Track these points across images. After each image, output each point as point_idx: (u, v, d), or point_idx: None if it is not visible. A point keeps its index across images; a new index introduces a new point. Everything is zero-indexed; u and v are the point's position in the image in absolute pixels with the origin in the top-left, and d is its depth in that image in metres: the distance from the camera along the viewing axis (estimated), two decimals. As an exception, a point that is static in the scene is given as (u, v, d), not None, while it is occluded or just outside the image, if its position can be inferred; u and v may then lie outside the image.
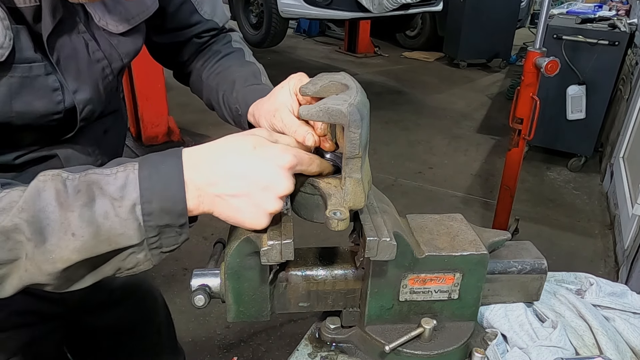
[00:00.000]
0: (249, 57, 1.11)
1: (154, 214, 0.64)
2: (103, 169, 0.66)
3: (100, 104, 0.88)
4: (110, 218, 0.63)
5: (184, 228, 0.68)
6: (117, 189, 0.64)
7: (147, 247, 0.66)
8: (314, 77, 0.82)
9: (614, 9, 4.74)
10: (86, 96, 0.84)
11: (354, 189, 0.73)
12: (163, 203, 0.64)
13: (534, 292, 0.98)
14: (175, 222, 0.66)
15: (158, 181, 0.65)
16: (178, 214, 0.65)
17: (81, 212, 0.62)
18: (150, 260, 0.68)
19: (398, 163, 4.52)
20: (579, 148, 4.40)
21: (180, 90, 1.23)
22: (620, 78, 4.40)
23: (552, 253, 3.14)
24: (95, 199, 0.63)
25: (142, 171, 0.65)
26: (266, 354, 2.47)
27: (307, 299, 0.89)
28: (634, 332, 0.97)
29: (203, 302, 0.82)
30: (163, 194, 0.64)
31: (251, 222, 0.70)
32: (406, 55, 8.26)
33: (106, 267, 0.67)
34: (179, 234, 0.68)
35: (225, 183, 0.67)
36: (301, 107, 0.70)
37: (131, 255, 0.66)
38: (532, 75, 2.68)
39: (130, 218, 0.63)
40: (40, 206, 0.61)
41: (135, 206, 0.63)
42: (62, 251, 0.62)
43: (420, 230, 0.90)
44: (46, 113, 0.80)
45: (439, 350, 0.87)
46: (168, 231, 0.66)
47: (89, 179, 0.65)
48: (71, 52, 0.82)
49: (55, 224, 0.61)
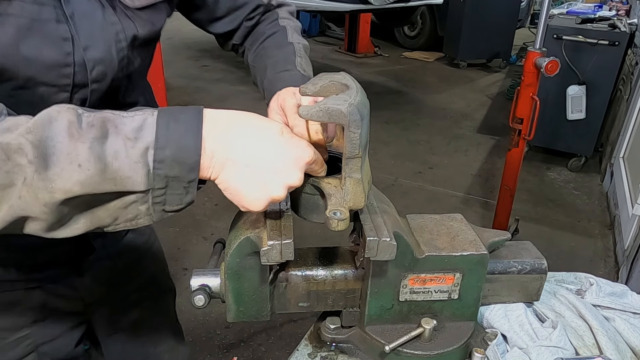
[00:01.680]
0: (291, 35, 1.08)
1: (166, 162, 0.62)
2: (121, 111, 0.64)
3: (112, 70, 0.85)
4: (120, 158, 0.60)
5: (192, 186, 0.65)
6: (133, 129, 0.62)
7: (151, 200, 0.63)
8: (314, 77, 0.82)
9: (614, 9, 4.74)
10: (97, 55, 0.82)
11: (354, 189, 0.73)
12: (177, 152, 0.62)
13: (534, 292, 0.99)
14: (185, 175, 0.63)
15: (175, 130, 0.63)
16: (190, 167, 0.63)
17: (92, 145, 0.59)
18: (152, 215, 0.65)
19: (398, 163, 4.52)
20: (579, 148, 4.40)
21: (181, 90, 1.24)
22: (620, 78, 4.39)
23: (552, 253, 3.14)
24: (109, 136, 0.61)
25: (161, 117, 0.63)
26: (266, 354, 2.47)
27: (307, 299, 0.89)
28: (634, 332, 0.97)
29: (203, 302, 0.82)
30: (178, 142, 0.62)
31: (250, 199, 0.67)
32: (406, 55, 8.25)
33: (104, 213, 0.64)
34: (185, 192, 0.65)
35: (242, 151, 0.66)
36: (301, 107, 0.70)
37: (133, 205, 0.63)
38: (532, 75, 2.68)
39: (141, 162, 0.61)
40: (50, 134, 0.59)
41: (148, 150, 0.61)
42: (64, 181, 0.58)
43: (420, 230, 0.90)
44: (55, 64, 0.78)
45: (439, 350, 0.87)
46: (175, 185, 0.64)
47: (104, 116, 0.62)
48: (86, 11, 0.80)
49: (61, 154, 0.58)
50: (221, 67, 7.14)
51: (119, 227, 0.66)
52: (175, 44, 7.86)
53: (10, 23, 0.71)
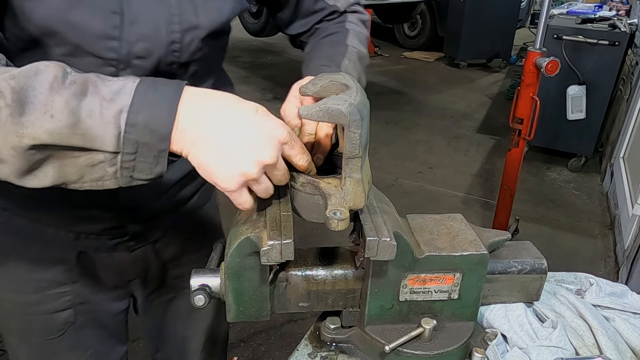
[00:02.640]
0: (351, 39, 1.07)
1: (137, 127, 0.63)
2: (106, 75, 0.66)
3: (159, 49, 0.84)
4: (94, 117, 0.62)
5: (162, 156, 0.66)
6: (111, 92, 0.63)
7: (119, 163, 0.64)
8: (314, 77, 0.82)
9: (614, 9, 4.74)
10: (142, 30, 0.82)
11: (354, 189, 0.73)
12: (149, 119, 0.63)
13: (534, 292, 0.98)
14: (155, 143, 0.64)
15: (152, 98, 0.64)
16: (161, 136, 0.64)
17: (68, 99, 0.62)
18: (119, 179, 0.66)
19: (398, 163, 4.52)
20: (579, 148, 4.40)
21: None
22: (621, 78, 4.39)
23: (552, 253, 3.14)
24: (87, 94, 0.63)
25: (141, 85, 0.65)
26: (266, 353, 2.47)
27: (307, 299, 0.89)
28: (634, 332, 0.97)
29: (203, 302, 0.82)
30: (153, 110, 0.64)
31: (222, 176, 0.67)
32: (406, 55, 8.25)
33: (71, 168, 0.65)
34: (154, 162, 0.66)
35: (214, 127, 0.66)
36: (301, 107, 0.70)
37: (100, 165, 0.64)
38: (532, 75, 2.68)
39: (113, 123, 0.62)
40: (32, 84, 0.61)
41: (121, 112, 0.62)
42: (34, 129, 0.61)
43: (420, 230, 0.90)
44: (101, 35, 0.79)
45: (439, 350, 0.87)
46: (145, 152, 0.65)
47: (88, 76, 0.64)
48: None
49: (38, 104, 0.61)
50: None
51: (85, 186, 0.67)
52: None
53: None
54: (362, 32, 1.12)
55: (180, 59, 0.88)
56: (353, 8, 1.15)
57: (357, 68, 1.03)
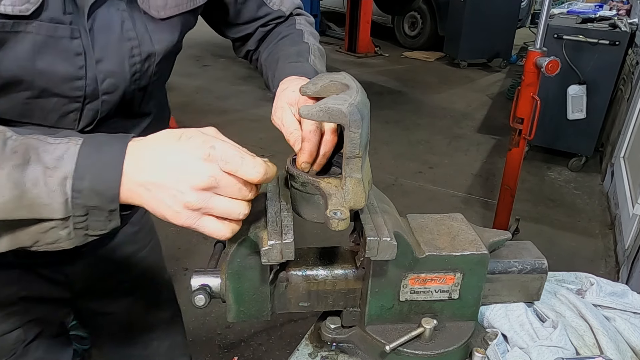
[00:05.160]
0: (307, 37, 1.09)
1: (84, 193, 0.63)
2: (49, 136, 0.66)
3: (124, 82, 0.87)
4: (39, 186, 0.62)
5: (114, 214, 0.66)
6: (54, 158, 0.63)
7: (72, 225, 0.64)
8: (315, 77, 0.82)
9: (614, 8, 4.74)
10: (108, 68, 0.84)
11: (355, 188, 0.73)
12: (95, 184, 0.63)
13: (535, 292, 0.98)
14: (104, 205, 0.64)
15: (97, 161, 0.64)
16: (109, 199, 0.64)
17: (10, 172, 0.61)
18: (73, 240, 0.66)
19: (398, 163, 4.52)
20: (579, 148, 4.40)
21: (181, 90, 1.24)
22: (621, 78, 4.39)
23: (552, 253, 3.14)
24: (30, 164, 0.62)
25: (84, 147, 0.64)
26: (266, 353, 2.47)
27: (307, 299, 0.89)
28: (635, 332, 0.97)
29: (203, 302, 0.82)
30: (98, 174, 0.63)
31: (171, 215, 0.66)
32: (407, 55, 8.25)
33: (24, 236, 0.65)
34: (107, 220, 0.66)
35: (149, 172, 0.65)
36: (301, 107, 0.70)
37: (52, 230, 0.65)
38: (533, 75, 2.68)
39: (58, 190, 0.62)
40: None
41: (66, 179, 0.62)
42: None
43: (421, 230, 0.90)
44: (68, 77, 0.80)
45: (440, 350, 0.87)
46: (97, 214, 0.65)
47: (29, 142, 0.64)
48: (105, 24, 0.82)
49: None
50: (222, 67, 7.14)
51: (41, 248, 0.67)
52: (176, 43, 7.86)
53: (27, 40, 0.74)
54: (314, 31, 1.14)
55: (140, 85, 0.91)
56: (298, 11, 1.16)
57: (323, 63, 1.05)
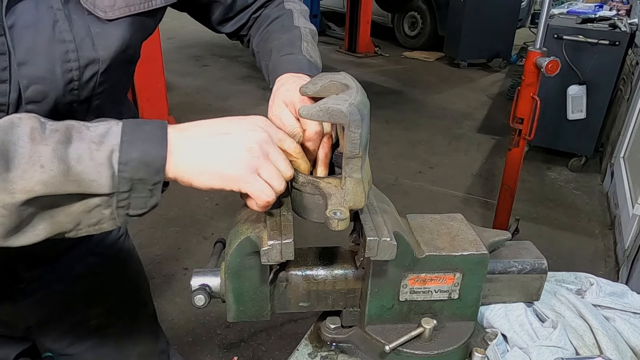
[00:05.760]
0: (297, 19, 1.06)
1: (131, 164, 0.62)
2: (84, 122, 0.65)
3: (55, 91, 0.76)
4: (84, 161, 0.60)
5: (157, 188, 0.65)
6: (98, 135, 0.62)
7: (115, 203, 0.63)
8: (315, 76, 0.82)
9: (614, 8, 4.74)
10: (34, 73, 0.73)
11: (354, 188, 0.73)
12: (142, 155, 0.63)
13: (534, 292, 0.99)
14: (150, 177, 0.64)
15: (140, 135, 0.64)
16: (155, 169, 0.64)
17: (55, 147, 0.59)
18: (115, 220, 0.65)
19: (398, 163, 4.52)
20: (579, 148, 4.40)
21: (181, 90, 1.23)
22: (621, 78, 4.39)
23: (552, 253, 3.14)
24: (72, 141, 0.61)
25: (126, 125, 0.64)
26: (266, 353, 2.47)
27: (307, 299, 0.89)
28: (634, 332, 0.97)
29: (203, 301, 0.82)
30: (144, 145, 0.63)
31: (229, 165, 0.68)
32: (406, 55, 8.25)
33: (66, 217, 0.62)
34: (149, 196, 0.65)
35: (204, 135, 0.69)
36: (301, 107, 0.70)
37: (97, 209, 0.63)
38: (533, 75, 2.68)
39: (106, 164, 0.61)
40: (11, 138, 0.59)
41: (113, 152, 0.61)
42: (25, 182, 0.58)
43: (421, 230, 0.90)
44: None
45: (439, 350, 0.87)
46: (140, 188, 0.64)
47: (68, 123, 0.63)
48: (31, 22, 0.72)
49: (23, 158, 0.58)
50: (222, 66, 7.14)
51: (81, 232, 0.65)
52: (176, 43, 7.87)
53: None
54: (303, 8, 1.12)
55: (80, 97, 0.80)
56: None
57: (315, 47, 1.04)
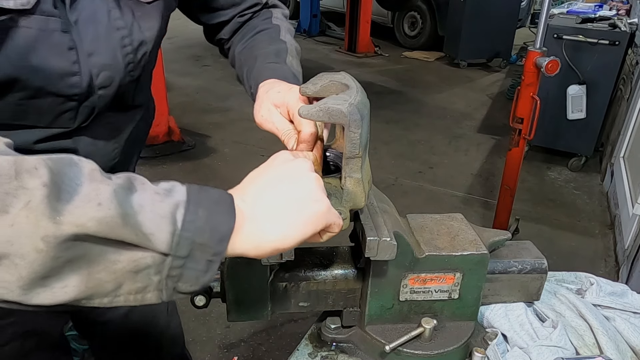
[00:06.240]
0: (284, 34, 1.08)
1: (196, 223, 0.54)
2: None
3: (119, 74, 0.86)
4: (145, 212, 0.52)
5: (215, 261, 0.56)
6: (162, 188, 0.56)
7: (167, 269, 0.54)
8: (314, 76, 0.82)
9: (614, 8, 4.73)
10: (102, 61, 0.83)
11: (354, 188, 0.73)
12: (209, 215, 0.55)
13: (534, 292, 0.98)
14: (213, 245, 0.55)
15: (207, 195, 0.57)
16: (220, 236, 0.56)
17: (116, 189, 0.51)
18: (162, 291, 0.55)
19: (398, 163, 4.52)
20: (579, 148, 4.40)
21: (181, 90, 1.24)
22: (621, 78, 4.39)
23: (552, 253, 3.14)
24: (136, 189, 0.54)
25: (191, 186, 0.58)
26: (266, 353, 2.47)
27: (307, 299, 0.89)
28: (635, 332, 0.97)
29: (203, 302, 0.82)
30: (211, 206, 0.56)
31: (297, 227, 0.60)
32: (406, 55, 8.25)
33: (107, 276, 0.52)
34: (205, 269, 0.56)
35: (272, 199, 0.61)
36: (301, 107, 0.70)
37: (146, 271, 0.53)
38: (533, 75, 2.68)
39: (168, 218, 0.53)
40: (68, 172, 0.50)
41: (178, 208, 0.54)
42: (78, 216, 0.48)
43: (421, 230, 0.90)
44: (63, 73, 0.79)
45: (439, 350, 0.87)
46: (198, 256, 0.55)
47: (130, 174, 0.56)
48: (91, 15, 0.81)
49: (78, 194, 0.50)
50: (222, 66, 7.13)
51: (118, 301, 0.55)
52: (176, 43, 7.86)
53: (20, 35, 0.73)
54: (290, 27, 1.13)
55: (134, 76, 0.91)
56: (274, 1, 1.16)
57: (299, 64, 1.05)
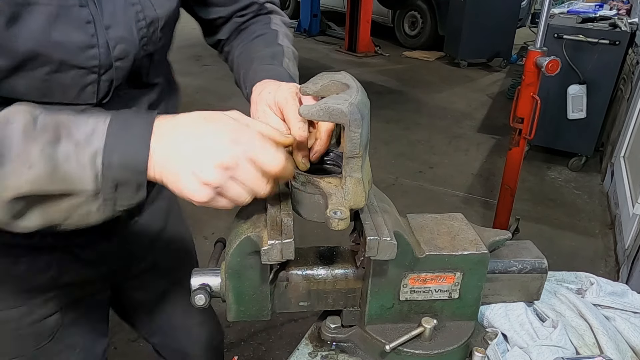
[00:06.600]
0: (282, 39, 1.10)
1: (113, 167, 0.65)
2: (76, 114, 0.69)
3: (134, 48, 0.89)
4: (71, 161, 0.64)
5: (142, 186, 0.68)
6: (84, 134, 0.66)
7: (101, 200, 0.67)
8: (315, 76, 0.82)
9: (614, 8, 4.73)
10: (118, 34, 0.86)
11: (355, 188, 0.73)
12: (124, 158, 0.66)
13: (535, 292, 0.98)
14: (133, 179, 0.67)
15: (125, 137, 0.67)
16: (137, 172, 0.67)
17: (44, 147, 0.64)
18: (103, 213, 0.69)
19: (398, 162, 4.52)
20: (579, 147, 4.40)
21: (182, 89, 1.24)
22: (621, 77, 4.39)
23: (552, 252, 3.14)
24: (61, 140, 0.65)
25: (112, 124, 0.67)
26: (267, 353, 2.47)
27: (307, 299, 0.89)
28: (635, 332, 0.97)
29: (203, 301, 0.82)
30: (126, 149, 0.66)
31: (189, 192, 0.67)
32: (407, 55, 8.25)
33: (55, 213, 0.68)
34: (135, 192, 0.68)
35: (179, 146, 0.68)
36: (301, 107, 0.70)
37: (83, 205, 0.67)
38: (533, 75, 2.68)
39: (89, 165, 0.65)
40: (5, 134, 0.64)
41: (96, 154, 0.65)
42: (15, 180, 0.63)
43: (421, 230, 0.90)
44: (83, 46, 0.82)
45: (440, 349, 0.87)
46: (125, 188, 0.67)
47: (59, 119, 0.66)
48: None
49: (14, 154, 0.63)
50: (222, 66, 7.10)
51: (71, 226, 0.70)
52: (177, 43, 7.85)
53: (40, 11, 0.76)
54: (288, 33, 1.15)
55: (148, 51, 0.94)
56: (272, 7, 1.18)
57: (296, 67, 1.06)
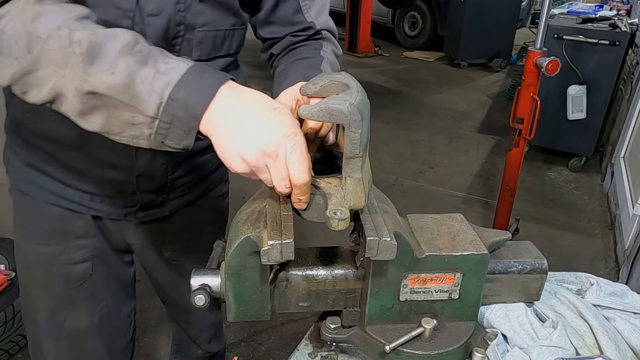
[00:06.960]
0: (325, 65, 1.09)
1: (176, 102, 0.72)
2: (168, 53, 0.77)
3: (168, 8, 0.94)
4: (146, 84, 0.72)
5: (191, 132, 0.74)
6: (166, 67, 0.74)
7: (156, 128, 0.73)
8: (315, 76, 0.82)
9: (614, 8, 4.74)
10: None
11: (355, 188, 0.73)
12: (188, 98, 0.72)
13: (535, 292, 0.98)
14: (187, 120, 0.73)
15: (197, 81, 0.73)
16: (193, 115, 0.73)
17: (130, 64, 0.72)
18: (151, 142, 0.75)
19: (398, 163, 4.52)
20: (579, 148, 4.40)
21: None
22: (621, 78, 4.39)
23: (552, 253, 3.14)
24: (147, 64, 0.73)
25: (192, 68, 0.74)
26: (267, 353, 2.47)
27: (307, 299, 0.89)
28: (635, 332, 0.97)
29: (203, 301, 0.82)
30: (193, 91, 0.73)
31: (228, 158, 0.74)
32: (407, 55, 8.25)
33: (114, 121, 0.75)
34: (184, 136, 0.74)
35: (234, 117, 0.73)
36: (301, 107, 0.71)
37: (140, 125, 0.74)
38: (533, 75, 2.68)
39: (157, 93, 0.72)
40: (107, 44, 0.73)
41: (167, 86, 0.72)
42: (95, 78, 0.72)
43: (421, 230, 0.90)
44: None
45: (439, 350, 0.87)
46: (178, 125, 0.73)
47: (153, 50, 0.75)
48: None
49: (107, 60, 0.72)
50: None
51: (123, 140, 0.77)
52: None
53: None
54: (335, 62, 1.15)
55: (185, 19, 0.97)
56: (327, 34, 1.18)
57: None
